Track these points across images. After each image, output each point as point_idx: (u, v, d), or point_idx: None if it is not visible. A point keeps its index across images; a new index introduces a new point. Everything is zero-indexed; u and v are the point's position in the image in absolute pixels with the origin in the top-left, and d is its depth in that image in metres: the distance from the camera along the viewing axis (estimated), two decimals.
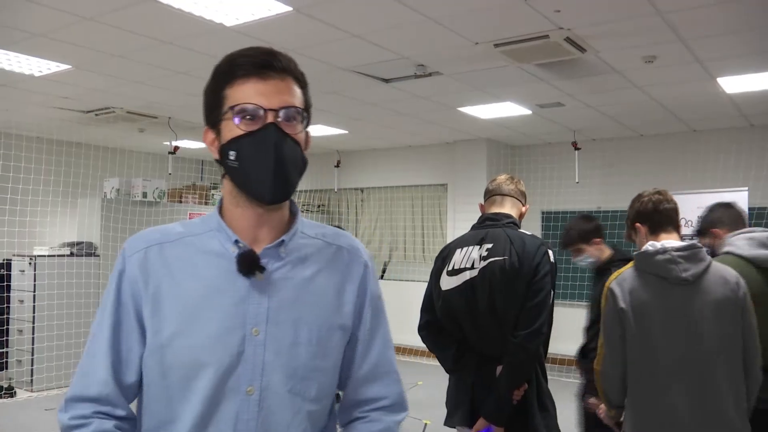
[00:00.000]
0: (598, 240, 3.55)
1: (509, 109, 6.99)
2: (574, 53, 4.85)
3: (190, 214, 7.99)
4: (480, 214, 2.81)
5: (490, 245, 2.56)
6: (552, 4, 4.03)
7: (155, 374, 1.21)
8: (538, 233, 9.02)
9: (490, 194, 2.77)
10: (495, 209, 2.72)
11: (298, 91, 1.25)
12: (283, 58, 1.24)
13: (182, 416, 1.19)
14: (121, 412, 1.21)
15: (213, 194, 8.52)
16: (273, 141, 1.18)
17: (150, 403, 1.24)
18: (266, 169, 1.18)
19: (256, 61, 1.22)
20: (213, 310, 1.20)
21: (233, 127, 1.20)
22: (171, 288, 1.22)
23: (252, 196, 1.22)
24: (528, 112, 7.06)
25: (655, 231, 2.37)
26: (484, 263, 2.54)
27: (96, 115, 7.41)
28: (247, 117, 1.19)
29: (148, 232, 1.29)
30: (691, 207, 6.60)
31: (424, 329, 2.75)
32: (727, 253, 2.74)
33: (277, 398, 1.20)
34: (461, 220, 9.08)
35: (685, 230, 6.66)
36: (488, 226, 2.65)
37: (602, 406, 2.68)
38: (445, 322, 2.67)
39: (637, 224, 2.43)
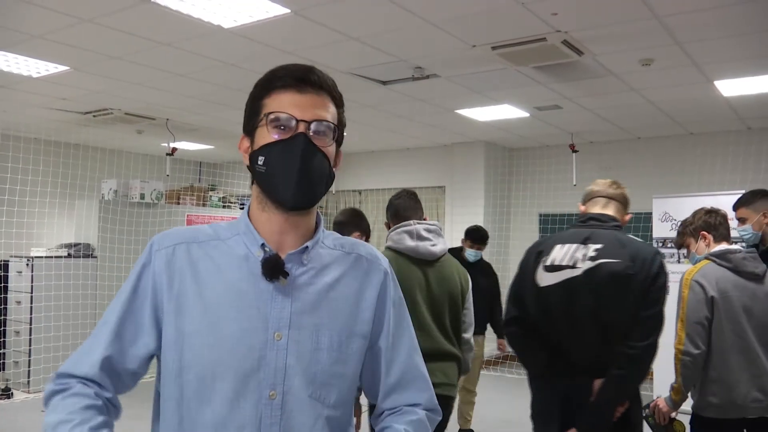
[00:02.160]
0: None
1: (507, 112, 7.01)
2: (571, 56, 4.87)
3: (187, 215, 7.98)
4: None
5: (598, 246, 2.40)
6: (549, 7, 4.04)
7: (171, 371, 1.22)
8: (536, 236, 9.03)
9: (594, 195, 2.64)
10: (598, 210, 2.58)
11: (332, 108, 1.28)
12: (321, 75, 1.26)
13: (203, 417, 1.19)
14: (106, 395, 1.22)
15: (210, 196, 8.52)
16: (300, 149, 1.21)
17: (166, 401, 1.24)
18: (291, 175, 1.21)
19: (296, 74, 1.24)
20: (235, 311, 1.21)
21: (266, 134, 1.24)
22: (194, 287, 1.23)
23: (275, 201, 1.25)
24: (525, 114, 7.08)
25: (717, 239, 2.95)
26: (590, 264, 2.38)
27: (94, 116, 7.42)
28: (280, 126, 1.22)
29: (178, 231, 1.31)
30: (688, 210, 6.60)
31: (513, 324, 2.56)
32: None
33: (299, 403, 1.21)
34: (459, 222, 9.08)
35: None
36: (593, 226, 2.50)
37: (659, 399, 2.91)
38: (539, 320, 2.48)
39: (704, 232, 2.99)
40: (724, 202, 6.73)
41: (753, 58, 4.99)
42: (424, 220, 3.03)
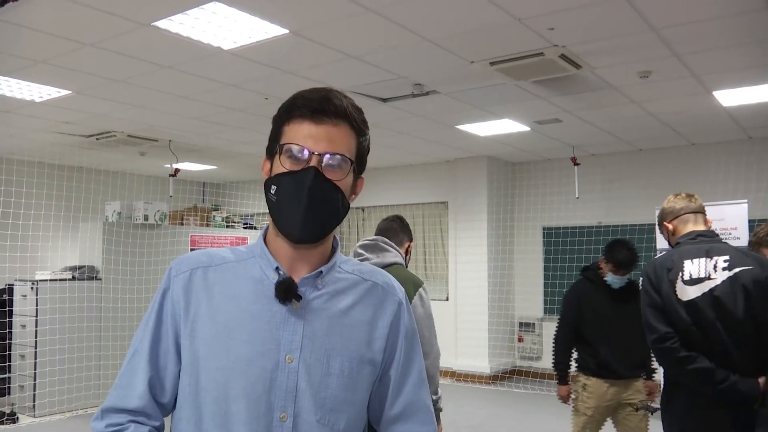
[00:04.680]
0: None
1: (508, 126, 7.03)
2: (569, 70, 4.89)
3: (191, 236, 8.00)
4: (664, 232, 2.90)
5: (726, 257, 2.59)
6: (545, 22, 4.07)
7: (189, 394, 1.24)
8: (540, 249, 9.04)
9: (680, 213, 2.83)
10: (693, 227, 2.77)
11: (350, 138, 1.26)
12: (340, 104, 1.24)
13: None
14: (155, 423, 1.26)
15: (214, 216, 8.54)
16: (309, 184, 1.21)
17: (181, 423, 1.25)
18: (298, 209, 1.21)
19: (313, 104, 1.24)
20: (247, 334, 1.22)
21: (279, 164, 1.24)
22: (209, 310, 1.25)
23: (282, 232, 1.25)
24: (526, 128, 7.10)
25: None
26: (727, 273, 2.56)
27: (97, 139, 7.47)
28: (293, 157, 1.23)
29: (195, 255, 1.33)
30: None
31: (669, 340, 2.59)
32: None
33: (307, 427, 1.22)
34: (463, 237, 9.09)
35: None
36: (705, 242, 2.69)
37: None
38: (688, 332, 2.57)
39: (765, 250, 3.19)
40: (728, 211, 6.76)
41: (751, 67, 5.00)
42: (407, 245, 2.98)
